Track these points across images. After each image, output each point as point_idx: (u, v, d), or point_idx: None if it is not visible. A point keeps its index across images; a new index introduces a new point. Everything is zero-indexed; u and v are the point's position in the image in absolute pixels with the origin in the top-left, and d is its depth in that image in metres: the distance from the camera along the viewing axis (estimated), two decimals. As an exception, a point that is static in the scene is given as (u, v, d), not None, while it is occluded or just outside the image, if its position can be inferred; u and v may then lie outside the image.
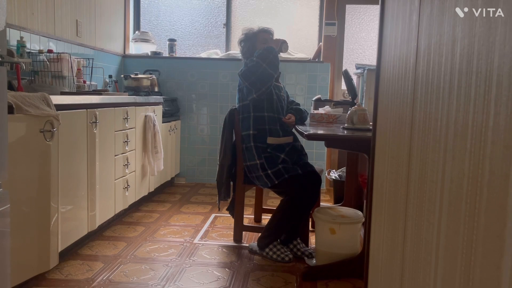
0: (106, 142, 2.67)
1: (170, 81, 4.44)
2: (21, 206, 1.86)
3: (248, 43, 2.70)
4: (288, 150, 2.54)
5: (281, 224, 2.47)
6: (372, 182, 1.44)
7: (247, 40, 2.71)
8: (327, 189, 4.27)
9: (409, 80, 0.99)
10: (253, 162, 2.50)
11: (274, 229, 2.48)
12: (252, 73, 2.48)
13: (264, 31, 2.72)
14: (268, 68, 2.48)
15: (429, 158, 0.82)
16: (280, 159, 2.48)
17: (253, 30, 2.73)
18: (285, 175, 2.43)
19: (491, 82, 0.55)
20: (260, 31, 2.71)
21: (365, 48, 4.42)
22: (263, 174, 2.47)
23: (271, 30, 2.76)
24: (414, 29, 0.95)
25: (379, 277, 1.28)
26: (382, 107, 1.35)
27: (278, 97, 2.65)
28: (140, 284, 2.07)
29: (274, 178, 2.44)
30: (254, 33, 2.71)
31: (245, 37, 2.72)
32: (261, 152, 2.50)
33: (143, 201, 3.54)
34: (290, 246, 2.52)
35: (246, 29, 2.77)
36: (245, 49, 2.71)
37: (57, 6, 3.15)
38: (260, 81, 2.48)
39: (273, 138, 2.55)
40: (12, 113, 1.76)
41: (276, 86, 2.68)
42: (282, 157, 2.49)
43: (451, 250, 0.68)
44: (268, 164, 2.47)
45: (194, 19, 4.59)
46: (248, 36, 2.72)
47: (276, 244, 2.46)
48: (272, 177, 2.45)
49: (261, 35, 2.70)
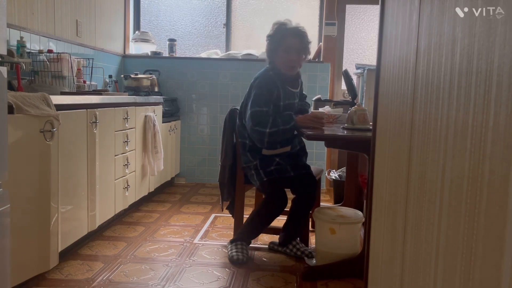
0: (106, 142, 2.67)
1: (170, 81, 4.44)
2: (21, 206, 1.86)
3: (272, 45, 2.42)
4: (284, 155, 2.48)
5: (249, 224, 2.49)
6: (372, 182, 1.44)
7: (272, 40, 2.42)
8: (327, 189, 4.26)
9: (409, 80, 0.99)
10: (248, 164, 2.48)
11: (246, 229, 2.50)
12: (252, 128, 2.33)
13: (294, 34, 2.38)
14: (269, 139, 2.33)
15: (429, 158, 0.82)
16: (275, 162, 2.44)
17: (283, 28, 2.40)
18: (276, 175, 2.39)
19: (491, 82, 0.55)
20: (289, 35, 2.38)
21: (365, 48, 4.42)
22: (255, 172, 2.44)
23: (302, 32, 2.41)
24: (414, 29, 0.95)
25: (379, 277, 1.28)
26: (382, 107, 1.35)
27: (286, 107, 2.47)
28: (140, 284, 2.07)
29: (264, 176, 2.40)
30: (282, 34, 2.39)
31: (272, 36, 2.43)
32: (256, 155, 2.46)
33: (143, 201, 3.54)
34: (290, 247, 2.52)
35: (278, 23, 2.44)
36: (268, 49, 2.46)
37: (57, 6, 3.15)
38: (254, 139, 2.38)
39: (268, 150, 2.46)
40: (12, 113, 1.76)
41: (288, 93, 2.49)
42: (277, 161, 2.44)
43: (451, 250, 0.68)
44: (261, 163, 2.44)
45: (194, 19, 4.59)
46: (275, 36, 2.41)
47: (239, 243, 2.46)
48: (262, 175, 2.41)
49: (288, 40, 2.38)
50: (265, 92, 2.38)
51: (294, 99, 2.55)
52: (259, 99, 2.36)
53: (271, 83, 2.41)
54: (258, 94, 2.38)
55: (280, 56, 2.41)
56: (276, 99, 2.43)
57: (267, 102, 2.37)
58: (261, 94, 2.37)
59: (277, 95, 2.42)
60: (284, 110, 2.46)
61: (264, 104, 2.35)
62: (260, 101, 2.36)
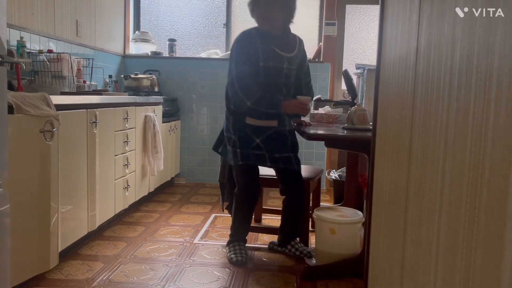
0: (106, 142, 2.67)
1: (170, 81, 4.44)
2: (21, 206, 1.86)
3: (253, 3, 2.33)
4: (268, 135, 2.33)
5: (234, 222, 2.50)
6: (372, 182, 1.44)
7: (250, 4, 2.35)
8: (327, 189, 4.27)
9: (409, 80, 0.99)
10: (228, 134, 2.38)
11: (234, 227, 2.51)
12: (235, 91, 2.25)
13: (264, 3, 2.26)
14: (246, 111, 2.27)
15: (429, 158, 0.82)
16: (254, 143, 2.31)
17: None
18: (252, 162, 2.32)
19: (491, 82, 0.55)
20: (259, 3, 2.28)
21: (365, 48, 4.42)
22: (232, 149, 2.35)
23: None
24: (414, 29, 0.95)
25: (379, 277, 1.28)
26: (382, 107, 1.35)
27: (267, 69, 2.28)
28: (140, 284, 2.07)
29: (240, 159, 2.33)
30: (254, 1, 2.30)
31: None
32: (237, 129, 2.33)
33: (143, 201, 3.54)
34: (288, 247, 2.52)
35: None
36: (249, 9, 2.35)
37: (57, 6, 3.15)
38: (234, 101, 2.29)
39: (252, 119, 2.31)
40: (12, 113, 1.76)
41: (273, 54, 2.29)
42: (257, 142, 2.31)
43: (451, 250, 0.68)
44: (240, 143, 2.32)
45: (194, 19, 4.59)
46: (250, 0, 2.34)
47: (236, 244, 2.46)
48: (238, 157, 2.32)
49: (258, 10, 2.30)
50: (245, 50, 2.27)
51: (282, 63, 2.31)
52: (241, 58, 2.26)
53: (249, 40, 2.28)
54: (239, 52, 2.27)
55: (258, 10, 2.30)
56: (254, 59, 2.26)
57: (248, 61, 2.26)
58: (241, 52, 2.27)
59: (254, 54, 2.26)
60: (264, 72, 2.28)
61: (244, 63, 2.25)
62: (242, 59, 2.25)
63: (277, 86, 2.33)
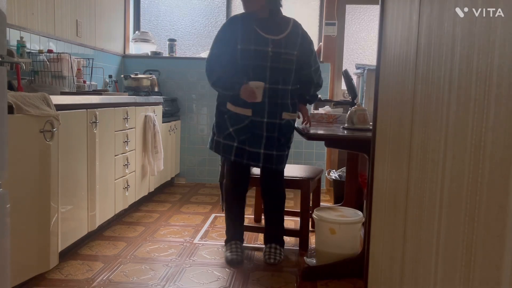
0: (106, 142, 2.67)
1: (170, 81, 4.44)
2: (21, 206, 1.86)
3: None
4: (242, 126, 2.23)
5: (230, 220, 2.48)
6: (372, 182, 1.44)
7: None
8: (327, 189, 4.27)
9: (409, 80, 0.99)
10: (215, 119, 2.38)
11: (228, 225, 2.50)
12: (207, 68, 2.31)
13: None
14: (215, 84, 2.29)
15: (429, 158, 0.82)
16: (226, 132, 2.27)
17: None
18: (220, 153, 2.31)
19: (491, 82, 0.55)
20: None
21: (365, 48, 4.42)
22: (211, 133, 2.38)
23: None
24: (414, 29, 0.95)
25: (379, 277, 1.28)
26: (382, 107, 1.35)
27: (246, 52, 2.20)
28: (140, 284, 2.07)
29: (214, 146, 2.33)
30: None
31: None
32: (219, 114, 2.32)
33: (143, 201, 3.54)
34: (265, 249, 2.46)
35: None
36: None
37: (57, 6, 3.15)
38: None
39: (231, 105, 2.25)
40: (12, 113, 1.76)
41: (256, 37, 2.20)
42: (229, 131, 2.25)
43: (451, 250, 0.68)
44: (217, 128, 2.33)
45: (194, 19, 4.59)
46: None
47: (232, 242, 2.45)
48: (214, 143, 2.34)
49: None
50: (221, 34, 2.29)
51: (265, 46, 2.20)
52: (216, 41, 2.30)
53: (231, 23, 2.28)
54: (216, 36, 2.32)
55: None
56: (232, 42, 2.22)
57: (220, 44, 2.26)
58: (218, 36, 2.31)
59: (232, 37, 2.22)
60: (244, 55, 2.20)
61: (216, 46, 2.28)
62: (216, 42, 2.29)
63: (262, 69, 2.21)
